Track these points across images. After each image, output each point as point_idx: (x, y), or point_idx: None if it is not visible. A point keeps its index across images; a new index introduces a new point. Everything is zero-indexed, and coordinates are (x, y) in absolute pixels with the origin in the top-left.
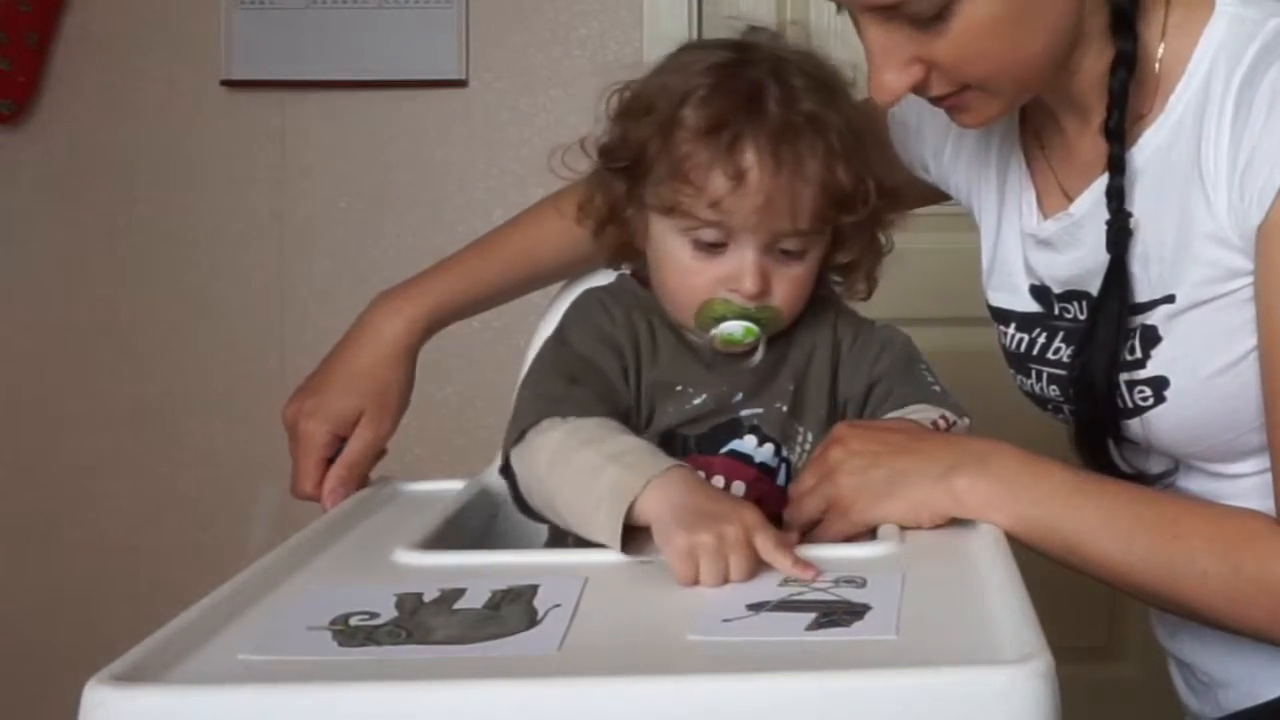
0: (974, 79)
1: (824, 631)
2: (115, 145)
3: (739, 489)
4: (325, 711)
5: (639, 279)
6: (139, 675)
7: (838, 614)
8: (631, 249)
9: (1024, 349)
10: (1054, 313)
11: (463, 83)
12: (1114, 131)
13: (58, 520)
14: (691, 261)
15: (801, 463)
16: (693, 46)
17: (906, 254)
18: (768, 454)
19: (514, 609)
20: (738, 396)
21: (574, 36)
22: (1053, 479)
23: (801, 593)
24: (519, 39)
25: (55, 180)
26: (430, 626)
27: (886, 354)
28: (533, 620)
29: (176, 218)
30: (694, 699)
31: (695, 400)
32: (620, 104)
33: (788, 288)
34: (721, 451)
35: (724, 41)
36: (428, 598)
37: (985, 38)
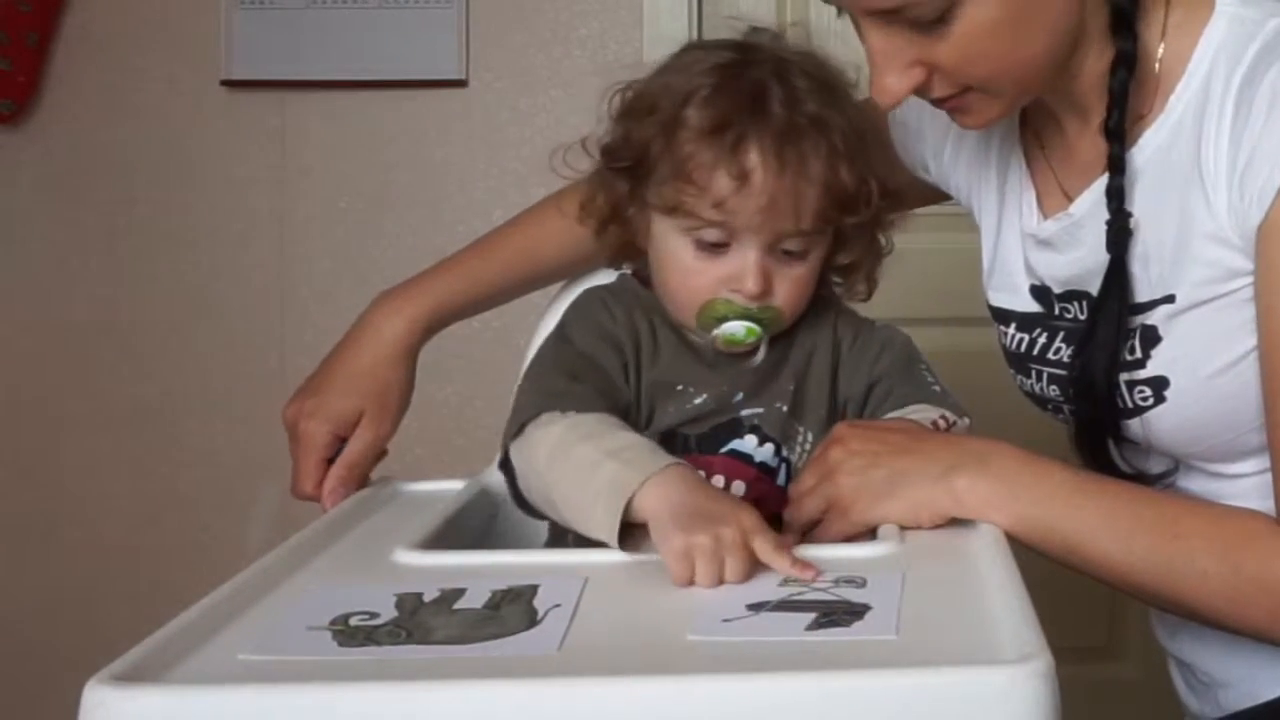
0: (975, 81)
1: (824, 631)
2: (115, 145)
3: (739, 489)
4: (325, 711)
5: (640, 279)
6: (139, 675)
7: (838, 614)
8: (633, 249)
9: (1024, 349)
10: (1054, 313)
11: (463, 83)
12: (1114, 131)
13: (58, 520)
14: (694, 261)
15: (801, 462)
16: (695, 47)
17: (906, 254)
18: (768, 454)
19: (514, 609)
20: (738, 396)
21: (574, 36)
22: (1053, 479)
23: (801, 593)
24: (519, 39)
25: (55, 180)
26: (430, 626)
27: (886, 354)
28: (533, 620)
29: (176, 218)
30: (694, 699)
31: (696, 400)
32: (623, 104)
33: (789, 288)
34: (722, 451)
35: (726, 42)
36: (428, 598)
37: (986, 40)
